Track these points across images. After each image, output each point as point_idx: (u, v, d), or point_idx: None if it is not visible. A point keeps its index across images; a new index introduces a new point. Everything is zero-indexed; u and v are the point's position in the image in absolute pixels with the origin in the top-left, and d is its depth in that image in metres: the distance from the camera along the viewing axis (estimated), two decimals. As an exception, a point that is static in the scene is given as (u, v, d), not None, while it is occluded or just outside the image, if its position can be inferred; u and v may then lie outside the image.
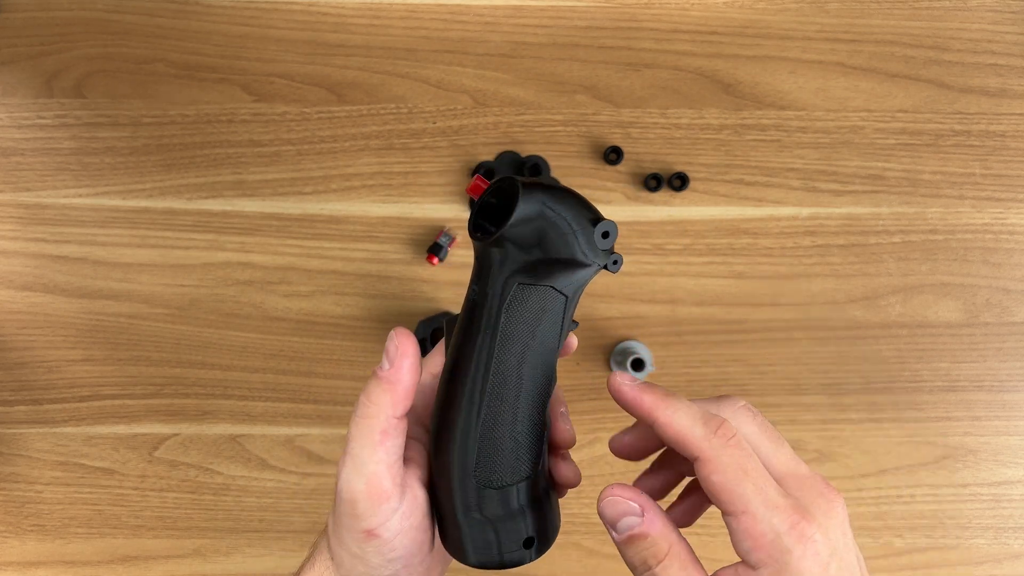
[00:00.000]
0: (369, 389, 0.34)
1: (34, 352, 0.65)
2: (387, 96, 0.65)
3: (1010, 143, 0.65)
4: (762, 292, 0.65)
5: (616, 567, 0.64)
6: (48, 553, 0.64)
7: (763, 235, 0.65)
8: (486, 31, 0.65)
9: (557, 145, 0.65)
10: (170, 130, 0.65)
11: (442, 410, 0.35)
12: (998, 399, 0.65)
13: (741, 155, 0.65)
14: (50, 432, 0.64)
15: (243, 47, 0.65)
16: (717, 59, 0.65)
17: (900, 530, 0.65)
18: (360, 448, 0.33)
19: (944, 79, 0.65)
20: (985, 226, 0.65)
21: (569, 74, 0.65)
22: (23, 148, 0.64)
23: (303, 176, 0.65)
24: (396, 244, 0.65)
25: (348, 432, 0.34)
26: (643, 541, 0.32)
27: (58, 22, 0.65)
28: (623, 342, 0.64)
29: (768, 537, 0.30)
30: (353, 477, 0.33)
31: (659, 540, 0.32)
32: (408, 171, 0.65)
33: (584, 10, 0.65)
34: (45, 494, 0.65)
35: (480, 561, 0.35)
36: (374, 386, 0.34)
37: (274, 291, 0.64)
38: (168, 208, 0.65)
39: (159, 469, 0.65)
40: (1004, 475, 0.65)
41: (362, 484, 0.33)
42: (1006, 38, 0.66)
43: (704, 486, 0.32)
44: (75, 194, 0.65)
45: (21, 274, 0.64)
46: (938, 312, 0.65)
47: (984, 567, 0.65)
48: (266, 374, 0.64)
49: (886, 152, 0.65)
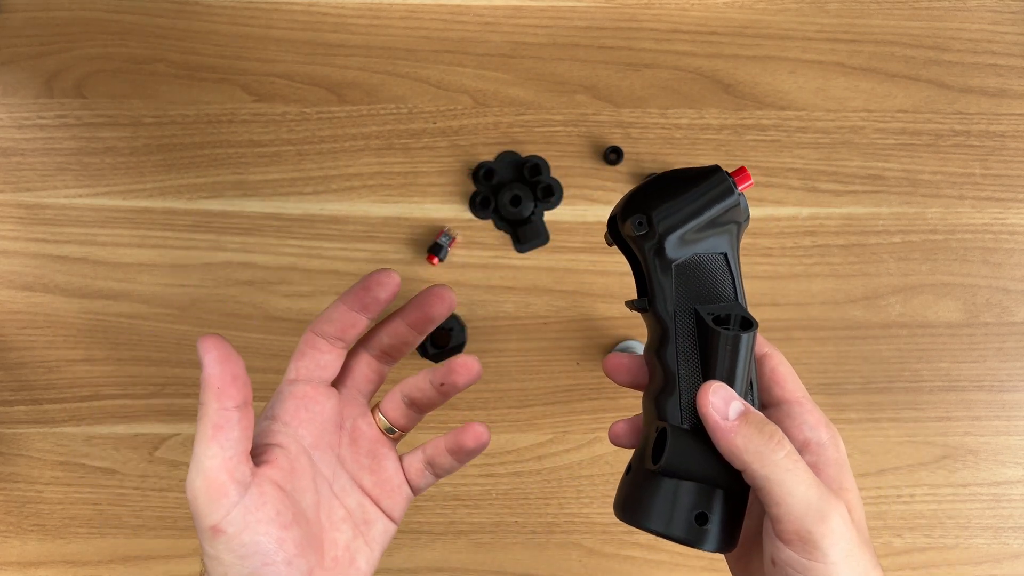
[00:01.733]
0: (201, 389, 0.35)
1: (34, 352, 0.65)
2: (387, 96, 0.65)
3: (1010, 143, 0.65)
4: (762, 292, 0.65)
5: (616, 567, 0.64)
6: (49, 553, 0.64)
7: (763, 235, 0.65)
8: (486, 31, 0.65)
9: (557, 145, 0.65)
10: (170, 130, 0.65)
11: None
12: (998, 399, 0.65)
13: (741, 155, 0.65)
14: (50, 432, 0.65)
15: (243, 47, 0.65)
16: (717, 59, 0.65)
17: (900, 530, 0.65)
18: (197, 445, 0.34)
19: (944, 79, 0.65)
20: (985, 226, 0.65)
21: (569, 74, 0.65)
22: (23, 148, 0.64)
23: (303, 176, 0.65)
24: (396, 244, 0.65)
25: None
26: (755, 416, 0.35)
27: (58, 22, 0.65)
28: (623, 342, 0.64)
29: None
30: (192, 475, 0.34)
31: (767, 421, 0.35)
32: (408, 171, 0.65)
33: (584, 10, 0.66)
34: (45, 494, 0.65)
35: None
36: (201, 385, 0.35)
37: (275, 291, 0.65)
38: (168, 208, 0.65)
39: (160, 469, 0.65)
40: (1004, 475, 0.65)
41: (199, 480, 0.33)
42: (1006, 38, 0.66)
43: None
44: (75, 194, 0.65)
45: (21, 274, 0.64)
46: (938, 312, 0.65)
47: (984, 567, 0.65)
48: (267, 374, 0.64)
49: (886, 152, 0.65)
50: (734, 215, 0.38)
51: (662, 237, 0.37)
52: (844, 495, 0.36)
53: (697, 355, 0.37)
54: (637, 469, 0.37)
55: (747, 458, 0.34)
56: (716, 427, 0.35)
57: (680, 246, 0.37)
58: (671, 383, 0.37)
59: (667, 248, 0.37)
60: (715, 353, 0.36)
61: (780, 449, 0.34)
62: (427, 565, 0.65)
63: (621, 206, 0.38)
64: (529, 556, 0.64)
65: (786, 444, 0.34)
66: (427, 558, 0.65)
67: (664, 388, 0.37)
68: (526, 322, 0.64)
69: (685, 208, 0.37)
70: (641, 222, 0.37)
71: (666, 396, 0.37)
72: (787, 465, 0.34)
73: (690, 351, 0.37)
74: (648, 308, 0.38)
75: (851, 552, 0.33)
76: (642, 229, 0.37)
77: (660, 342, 0.37)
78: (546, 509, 0.64)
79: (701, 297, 0.37)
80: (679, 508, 0.36)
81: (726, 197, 0.37)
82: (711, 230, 0.37)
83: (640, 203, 0.37)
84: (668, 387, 0.37)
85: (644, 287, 0.38)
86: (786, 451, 0.34)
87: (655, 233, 0.37)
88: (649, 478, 0.36)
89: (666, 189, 0.37)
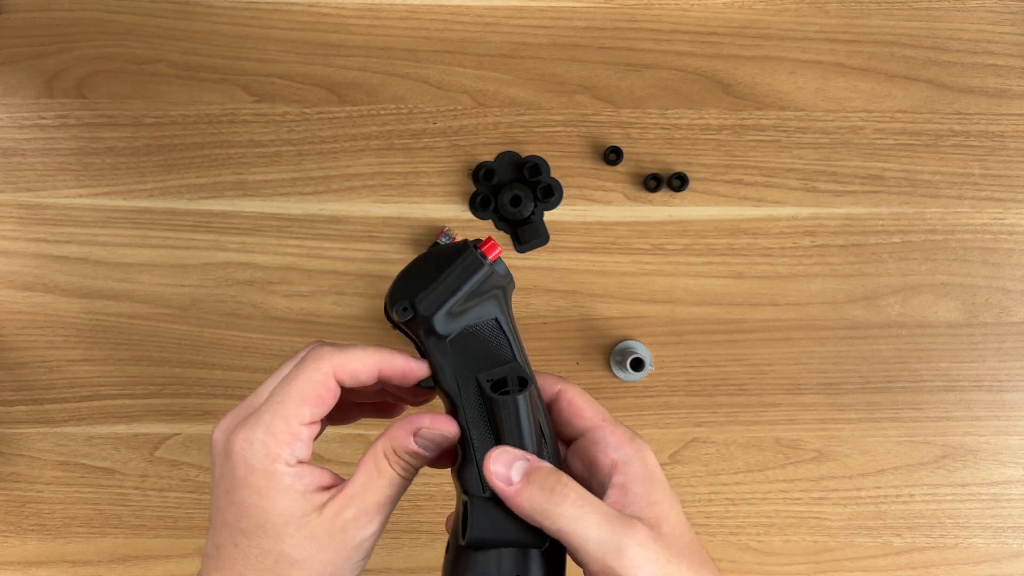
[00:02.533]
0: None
1: (34, 352, 0.65)
2: (387, 96, 0.65)
3: (1009, 143, 0.65)
4: (761, 292, 0.65)
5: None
6: (49, 553, 0.65)
7: (762, 235, 0.65)
8: (486, 31, 0.65)
9: (557, 145, 0.65)
10: (171, 130, 0.65)
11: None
12: (997, 399, 0.65)
13: (741, 155, 0.65)
14: (51, 432, 0.65)
15: (244, 47, 0.65)
16: (717, 59, 0.65)
17: (899, 530, 0.65)
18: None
19: (943, 79, 0.66)
20: (984, 226, 0.65)
21: (569, 74, 0.65)
22: (24, 148, 0.65)
23: (304, 176, 0.65)
24: (396, 244, 0.65)
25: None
26: (539, 473, 0.36)
27: (58, 22, 0.65)
28: (623, 342, 0.64)
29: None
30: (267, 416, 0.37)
31: (553, 472, 0.36)
32: (408, 171, 0.65)
33: (584, 10, 0.66)
34: (46, 494, 0.65)
35: None
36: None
37: (275, 291, 0.65)
38: (169, 208, 0.65)
39: (160, 469, 0.65)
40: (1003, 475, 0.65)
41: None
42: (1005, 38, 0.66)
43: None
44: (76, 194, 0.65)
45: (21, 274, 0.64)
46: (937, 312, 0.65)
47: (983, 566, 0.65)
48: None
49: (885, 152, 0.65)
50: (494, 281, 0.39)
51: (427, 319, 0.38)
52: (653, 510, 0.36)
53: (486, 422, 0.38)
54: (453, 547, 0.38)
55: (537, 518, 0.35)
56: (503, 493, 0.36)
57: (449, 321, 0.38)
58: (468, 453, 0.38)
59: (436, 326, 0.38)
60: (498, 417, 0.37)
61: (564, 500, 0.35)
62: (427, 565, 0.65)
63: (388, 295, 0.40)
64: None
65: (570, 492, 0.35)
66: (427, 558, 0.65)
67: (464, 460, 0.38)
68: (526, 322, 0.64)
69: (442, 287, 0.38)
70: (405, 308, 0.38)
71: (466, 467, 0.38)
72: (574, 514, 0.34)
73: (478, 419, 0.38)
74: (434, 386, 0.39)
75: (661, 571, 0.34)
76: (408, 314, 0.38)
77: (453, 415, 0.38)
78: (546, 509, 0.64)
79: (481, 364, 0.39)
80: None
81: (478, 270, 0.39)
82: (476, 299, 0.39)
83: (401, 290, 0.39)
84: (466, 458, 0.38)
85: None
86: (571, 499, 0.35)
87: (419, 316, 0.38)
88: (463, 553, 0.37)
89: (424, 272, 0.39)
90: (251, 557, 0.36)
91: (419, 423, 0.38)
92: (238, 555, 0.36)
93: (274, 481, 0.35)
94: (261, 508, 0.35)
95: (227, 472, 0.36)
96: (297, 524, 0.35)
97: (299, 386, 0.37)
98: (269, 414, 0.36)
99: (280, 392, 0.37)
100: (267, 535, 0.35)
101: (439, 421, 0.38)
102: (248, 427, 0.36)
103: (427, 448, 0.38)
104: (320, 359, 0.37)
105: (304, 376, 0.37)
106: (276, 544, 0.35)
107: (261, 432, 0.36)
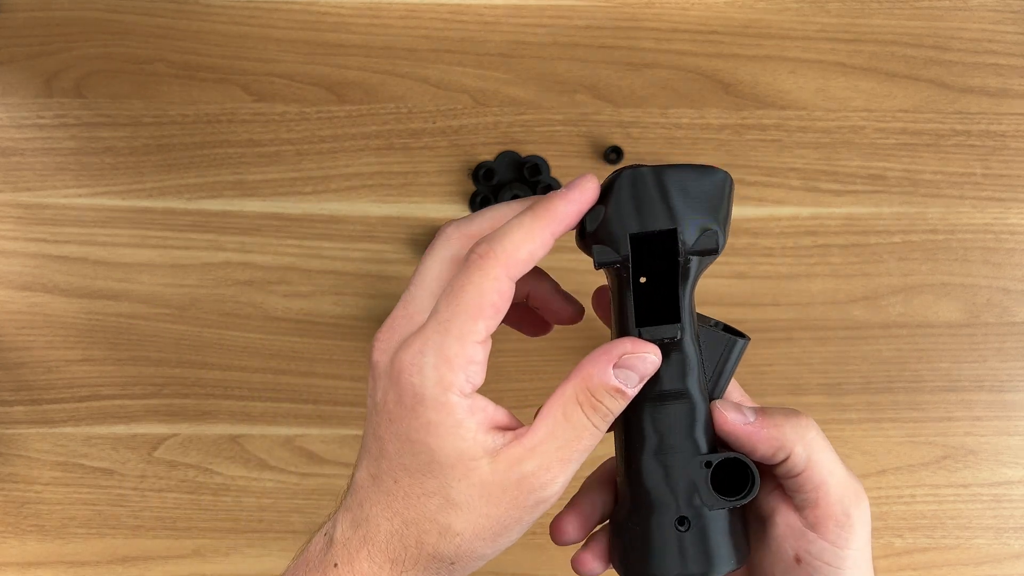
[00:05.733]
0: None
1: (33, 352, 0.65)
2: (387, 96, 0.65)
3: (1011, 143, 0.65)
4: (762, 292, 0.65)
5: (616, 567, 0.64)
6: (48, 553, 0.64)
7: (763, 235, 0.65)
8: (486, 31, 0.65)
9: (557, 145, 0.65)
10: (170, 130, 0.65)
11: None
12: (999, 399, 0.65)
13: (741, 155, 0.65)
14: (49, 432, 0.64)
15: (243, 47, 0.65)
16: (717, 59, 0.65)
17: (901, 530, 0.65)
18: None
19: (945, 79, 0.65)
20: (986, 226, 0.65)
21: (569, 74, 0.65)
22: (22, 148, 0.64)
23: (303, 176, 0.65)
24: (396, 244, 0.65)
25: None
26: (769, 407, 0.33)
27: (58, 22, 0.65)
28: (623, 342, 0.64)
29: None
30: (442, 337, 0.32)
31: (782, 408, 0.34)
32: (408, 171, 0.65)
33: (584, 10, 0.65)
34: (44, 494, 0.65)
35: None
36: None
37: (274, 291, 0.64)
38: (168, 208, 0.65)
39: (158, 469, 0.65)
40: (1005, 475, 0.65)
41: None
42: (1007, 38, 0.66)
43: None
44: (75, 194, 0.64)
45: (20, 274, 0.64)
46: (938, 312, 0.65)
47: (985, 567, 0.65)
48: (266, 374, 0.64)
49: (887, 152, 0.65)
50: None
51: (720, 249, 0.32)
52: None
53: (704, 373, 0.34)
54: (695, 516, 0.32)
55: (788, 445, 0.32)
56: (751, 434, 0.32)
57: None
58: (698, 411, 0.33)
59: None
60: (728, 363, 0.34)
61: (811, 426, 0.32)
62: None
63: (686, 211, 0.32)
64: (529, 556, 0.64)
65: (812, 425, 0.32)
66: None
67: (695, 418, 0.33)
68: (526, 322, 0.64)
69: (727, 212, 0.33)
70: (714, 232, 0.32)
71: (699, 426, 0.33)
72: (822, 443, 0.32)
73: (703, 372, 0.33)
74: (680, 336, 0.33)
75: (868, 536, 0.32)
76: (711, 242, 0.32)
77: (685, 372, 0.33)
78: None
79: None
80: (738, 535, 0.33)
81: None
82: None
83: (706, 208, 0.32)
84: (697, 415, 0.33)
85: (661, 313, 0.33)
86: (816, 428, 0.32)
87: (719, 246, 0.32)
88: (716, 519, 0.32)
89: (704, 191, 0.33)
90: (412, 497, 0.32)
91: (620, 348, 0.31)
92: (398, 492, 0.32)
93: (445, 414, 0.31)
94: (428, 446, 0.31)
95: (392, 398, 0.32)
96: (466, 467, 0.31)
97: (468, 297, 0.31)
98: (439, 335, 0.31)
99: (447, 307, 0.32)
100: (433, 475, 0.31)
101: (641, 344, 0.32)
102: (415, 350, 0.31)
103: (630, 383, 0.32)
104: (485, 258, 0.31)
105: (473, 286, 0.31)
106: (442, 488, 0.31)
107: (432, 356, 0.31)
